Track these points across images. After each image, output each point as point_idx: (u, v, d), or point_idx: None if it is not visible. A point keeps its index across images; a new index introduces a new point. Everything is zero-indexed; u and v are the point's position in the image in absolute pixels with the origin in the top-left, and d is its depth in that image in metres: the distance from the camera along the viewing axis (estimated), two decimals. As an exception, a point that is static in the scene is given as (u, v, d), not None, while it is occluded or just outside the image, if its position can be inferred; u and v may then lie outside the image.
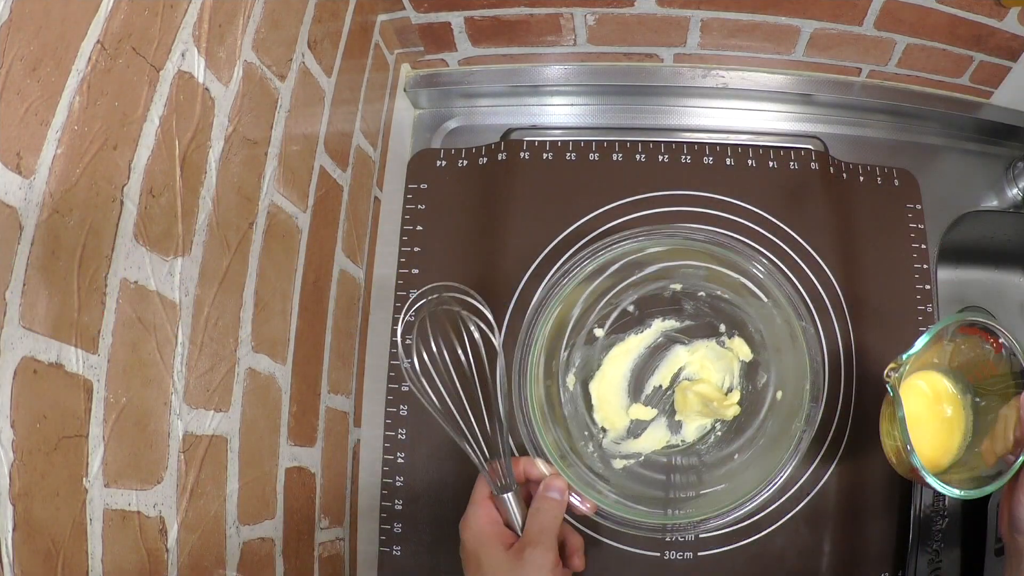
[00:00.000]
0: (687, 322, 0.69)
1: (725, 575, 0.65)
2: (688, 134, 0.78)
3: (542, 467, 0.56)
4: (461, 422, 0.55)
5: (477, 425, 0.56)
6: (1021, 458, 0.49)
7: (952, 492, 0.51)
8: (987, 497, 0.62)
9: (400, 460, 0.69)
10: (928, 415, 0.58)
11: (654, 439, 0.67)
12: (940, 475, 0.52)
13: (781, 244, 0.70)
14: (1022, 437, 0.48)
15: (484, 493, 0.55)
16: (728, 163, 0.73)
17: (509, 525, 0.55)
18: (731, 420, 0.66)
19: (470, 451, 0.55)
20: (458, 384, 0.57)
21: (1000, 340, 0.54)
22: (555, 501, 0.54)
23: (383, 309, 0.73)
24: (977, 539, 0.63)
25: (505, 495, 0.53)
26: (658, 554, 0.65)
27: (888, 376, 0.53)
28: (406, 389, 0.70)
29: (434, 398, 0.56)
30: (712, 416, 0.66)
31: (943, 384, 0.59)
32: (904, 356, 0.53)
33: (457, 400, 0.56)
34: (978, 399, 0.58)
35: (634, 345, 0.69)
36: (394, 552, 0.68)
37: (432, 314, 0.58)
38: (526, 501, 0.56)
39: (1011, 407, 0.51)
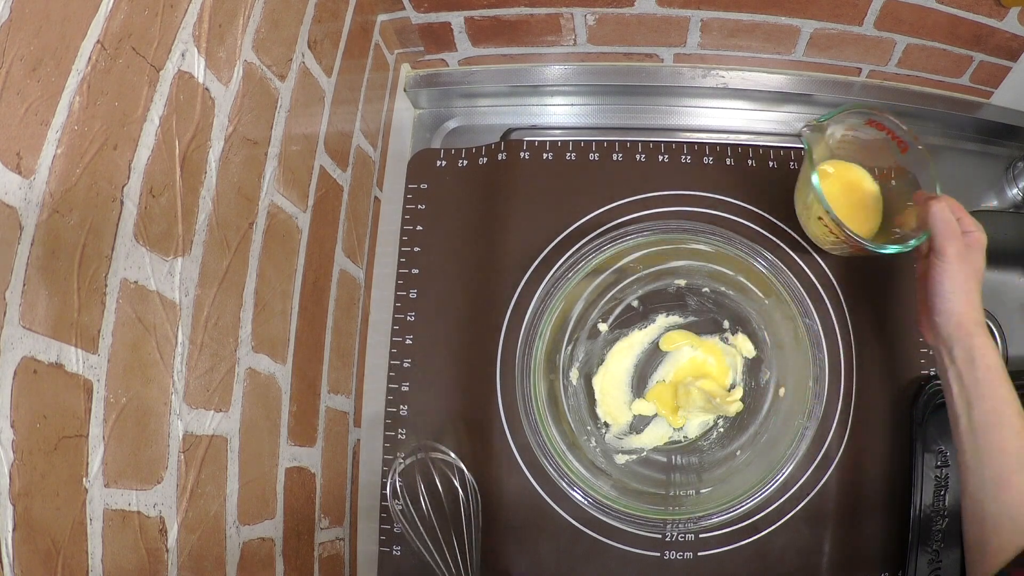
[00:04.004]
0: (691, 318, 0.69)
1: (725, 575, 0.65)
2: (688, 134, 0.78)
3: None
4: (436, 554, 0.64)
5: (449, 555, 0.65)
6: (924, 236, 0.58)
7: (883, 248, 0.59)
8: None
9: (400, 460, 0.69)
10: (845, 196, 0.65)
11: (656, 435, 0.67)
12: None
13: (781, 244, 0.70)
14: (922, 222, 0.58)
15: None
16: (728, 163, 0.73)
17: None
18: (733, 416, 0.66)
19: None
20: (436, 522, 0.66)
21: (904, 139, 0.61)
22: None
23: (383, 309, 0.73)
24: (977, 539, 0.63)
25: None
26: (658, 554, 0.65)
27: (803, 132, 0.60)
28: (406, 389, 0.70)
29: (416, 534, 0.65)
30: (714, 412, 0.66)
31: (856, 172, 0.65)
32: (821, 119, 0.60)
33: (433, 535, 0.65)
34: (889, 193, 0.65)
35: (637, 340, 0.69)
36: (394, 552, 0.68)
37: (420, 463, 0.67)
38: None
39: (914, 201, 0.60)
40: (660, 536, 0.65)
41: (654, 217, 0.71)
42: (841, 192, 0.65)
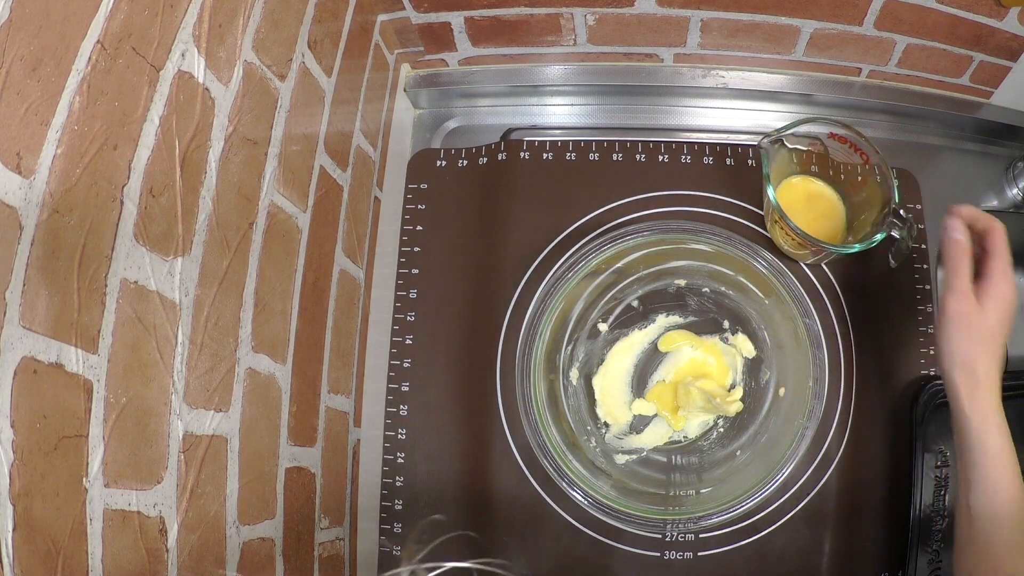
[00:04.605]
0: (691, 318, 0.69)
1: (725, 575, 0.65)
2: (688, 134, 0.78)
3: None
4: None
5: None
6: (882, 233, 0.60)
7: (846, 249, 0.62)
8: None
9: (400, 460, 0.69)
10: (804, 205, 0.67)
11: (656, 435, 0.67)
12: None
13: (781, 244, 0.70)
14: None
15: None
16: (728, 163, 0.73)
17: None
18: (733, 416, 0.66)
19: None
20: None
21: (864, 150, 0.63)
22: None
23: (383, 309, 0.73)
24: (977, 539, 0.63)
25: None
26: (658, 554, 0.65)
27: (761, 144, 0.62)
28: (406, 389, 0.70)
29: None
30: (715, 412, 0.66)
31: (818, 185, 0.68)
32: (779, 131, 0.62)
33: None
34: (852, 203, 0.67)
35: (637, 340, 0.69)
36: (394, 552, 0.68)
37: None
38: None
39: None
40: (660, 536, 0.65)
41: (654, 217, 0.71)
42: (801, 202, 0.67)
